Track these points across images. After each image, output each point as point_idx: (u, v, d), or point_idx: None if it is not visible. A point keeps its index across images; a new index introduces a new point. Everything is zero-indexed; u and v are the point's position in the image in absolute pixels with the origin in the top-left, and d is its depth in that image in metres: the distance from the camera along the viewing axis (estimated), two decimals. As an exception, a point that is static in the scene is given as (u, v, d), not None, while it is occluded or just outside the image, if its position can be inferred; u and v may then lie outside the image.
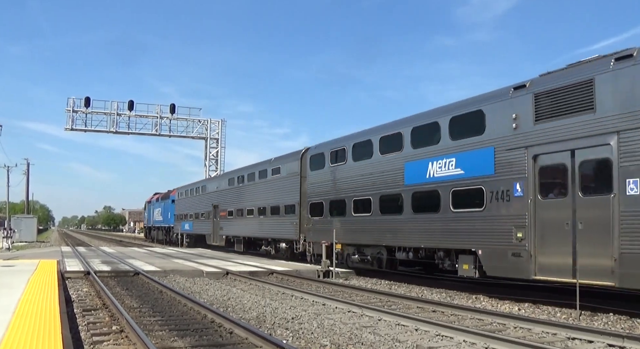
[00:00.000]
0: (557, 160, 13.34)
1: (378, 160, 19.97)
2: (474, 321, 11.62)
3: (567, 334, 9.96)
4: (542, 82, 14.08)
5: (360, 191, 20.87)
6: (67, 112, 56.68)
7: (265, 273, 21.30)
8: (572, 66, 13.66)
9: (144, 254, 34.35)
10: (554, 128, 13.38)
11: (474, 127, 15.79)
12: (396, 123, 19.70)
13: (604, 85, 12.40)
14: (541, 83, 14.02)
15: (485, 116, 15.45)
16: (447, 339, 9.74)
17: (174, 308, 12.85)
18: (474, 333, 9.72)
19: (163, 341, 9.16)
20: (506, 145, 14.64)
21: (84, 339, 9.34)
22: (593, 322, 11.60)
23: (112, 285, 17.59)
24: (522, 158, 14.10)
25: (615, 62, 12.36)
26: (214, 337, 9.57)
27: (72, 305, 13.00)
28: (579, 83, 12.95)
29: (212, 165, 61.33)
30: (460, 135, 16.35)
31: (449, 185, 16.50)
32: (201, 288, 17.26)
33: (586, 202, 12.59)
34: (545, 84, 13.90)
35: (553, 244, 13.24)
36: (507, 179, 14.47)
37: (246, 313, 12.39)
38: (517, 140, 14.32)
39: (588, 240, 12.38)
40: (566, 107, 13.19)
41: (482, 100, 15.80)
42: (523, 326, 10.82)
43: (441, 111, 17.51)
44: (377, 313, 12.18)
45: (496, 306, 13.96)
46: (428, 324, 10.73)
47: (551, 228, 13.31)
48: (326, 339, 9.54)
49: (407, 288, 17.85)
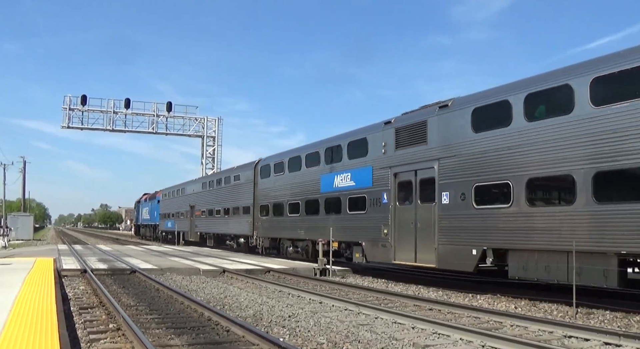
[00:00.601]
0: (407, 177, 18.15)
1: (304, 173, 25.33)
2: (470, 319, 11.63)
3: (564, 333, 9.98)
4: (400, 119, 18.99)
5: (293, 196, 26.08)
6: (64, 110, 56.53)
7: (261, 271, 21.29)
8: (424, 107, 18.38)
9: (141, 252, 34.32)
10: (406, 154, 18.28)
11: (361, 151, 20.86)
12: (316, 143, 24.98)
13: (432, 125, 17.22)
14: (400, 121, 18.96)
15: (368, 143, 20.37)
16: (444, 337, 9.75)
17: (170, 306, 12.84)
18: (471, 331, 9.74)
19: (160, 339, 9.16)
20: (379, 165, 19.61)
21: (80, 337, 9.32)
22: (589, 320, 11.63)
23: (108, 283, 17.57)
24: (387, 175, 19.03)
25: (438, 109, 17.17)
26: (210, 335, 9.56)
27: (68, 303, 12.97)
28: (419, 123, 17.84)
29: (209, 163, 61.26)
30: (354, 156, 21.47)
31: (346, 193, 21.63)
32: (198, 286, 17.25)
33: (422, 208, 17.37)
34: (402, 121, 18.80)
35: (405, 238, 18.09)
36: (379, 190, 19.44)
37: (243, 311, 12.39)
38: (385, 161, 19.30)
39: (422, 235, 17.20)
40: (412, 139, 18.03)
41: (367, 130, 20.78)
42: (520, 324, 10.84)
43: (343, 137, 22.71)
44: (374, 311, 12.19)
45: (493, 305, 13.98)
46: (425, 322, 10.73)
47: (404, 226, 18.16)
48: (323, 338, 9.55)
49: (404, 286, 17.87)
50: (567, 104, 12.99)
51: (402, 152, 18.40)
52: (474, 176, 15.41)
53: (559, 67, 14.14)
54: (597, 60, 12.85)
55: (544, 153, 13.42)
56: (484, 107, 15.52)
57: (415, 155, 17.71)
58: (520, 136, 14.07)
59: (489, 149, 15.02)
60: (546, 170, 13.40)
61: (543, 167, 13.47)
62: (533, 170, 13.72)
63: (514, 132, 14.26)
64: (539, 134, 13.59)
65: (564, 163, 12.93)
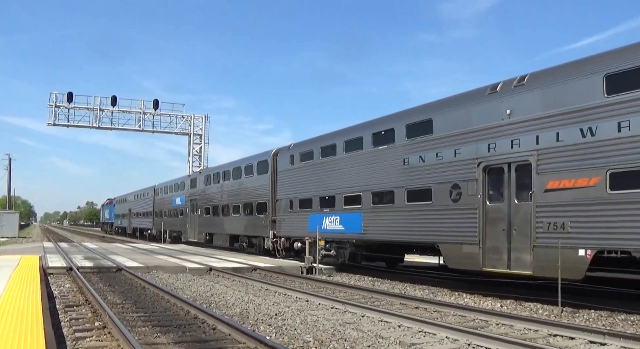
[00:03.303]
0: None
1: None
2: (456, 318, 11.69)
3: (549, 331, 10.05)
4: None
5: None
6: (50, 107, 55.94)
7: (248, 269, 21.27)
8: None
9: (127, 250, 34.15)
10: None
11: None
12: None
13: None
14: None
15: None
16: (430, 335, 9.79)
17: (157, 304, 12.80)
18: (457, 329, 9.78)
19: (146, 337, 9.13)
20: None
21: (66, 335, 9.27)
22: (574, 319, 11.72)
23: (94, 280, 17.48)
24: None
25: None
26: (197, 333, 9.54)
27: (54, 301, 12.89)
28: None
29: (196, 161, 60.99)
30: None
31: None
32: (184, 284, 17.21)
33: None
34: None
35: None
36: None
37: (229, 309, 12.38)
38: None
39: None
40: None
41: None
42: (505, 323, 10.91)
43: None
44: (361, 310, 12.21)
45: (479, 303, 14.05)
46: (411, 320, 10.77)
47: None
48: (309, 336, 9.55)
49: (390, 285, 17.91)
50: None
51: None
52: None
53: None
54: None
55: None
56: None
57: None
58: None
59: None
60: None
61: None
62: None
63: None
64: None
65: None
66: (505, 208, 14.14)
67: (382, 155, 18.81)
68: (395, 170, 18.10)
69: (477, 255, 14.60)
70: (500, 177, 14.36)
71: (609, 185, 11.80)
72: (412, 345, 9.02)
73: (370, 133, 19.57)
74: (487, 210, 14.63)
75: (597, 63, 12.53)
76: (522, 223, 13.59)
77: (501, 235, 14.12)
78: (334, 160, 21.71)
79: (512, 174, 14.03)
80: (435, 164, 16.44)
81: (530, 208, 13.35)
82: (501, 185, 14.34)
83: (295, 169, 24.80)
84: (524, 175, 13.69)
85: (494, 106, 14.69)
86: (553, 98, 13.18)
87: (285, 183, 25.68)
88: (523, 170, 13.71)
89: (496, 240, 14.26)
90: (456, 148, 15.70)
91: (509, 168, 14.09)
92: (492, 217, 14.47)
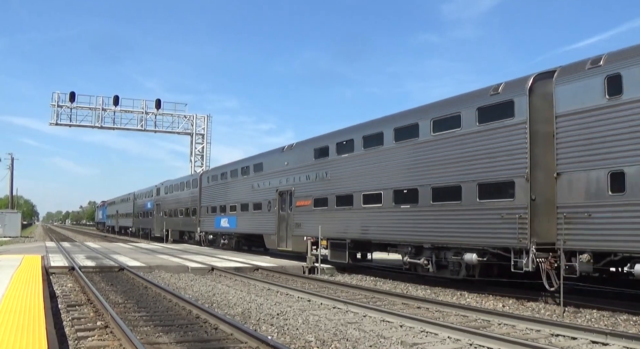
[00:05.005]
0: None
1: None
2: (458, 318, 11.69)
3: (551, 331, 10.05)
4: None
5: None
6: (52, 107, 55.90)
7: (250, 269, 21.28)
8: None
9: (129, 249, 34.18)
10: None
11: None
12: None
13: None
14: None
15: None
16: (432, 335, 9.79)
17: (159, 304, 12.80)
18: (459, 329, 9.78)
19: (148, 337, 9.13)
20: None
21: (68, 334, 9.28)
22: (576, 319, 11.71)
23: (96, 280, 17.50)
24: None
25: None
26: (199, 333, 9.55)
27: (56, 301, 12.91)
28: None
29: (198, 160, 60.98)
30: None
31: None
32: (186, 284, 17.22)
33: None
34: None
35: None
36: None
37: (231, 309, 12.38)
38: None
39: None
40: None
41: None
42: (507, 323, 10.91)
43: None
44: (362, 309, 12.21)
45: (481, 303, 14.04)
46: (413, 320, 10.77)
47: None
48: (311, 336, 9.55)
49: (392, 285, 17.91)
50: None
51: None
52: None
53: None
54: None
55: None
56: None
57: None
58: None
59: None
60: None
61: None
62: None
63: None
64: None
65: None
66: (286, 214, 25.85)
67: (246, 180, 30.90)
68: (246, 191, 30.65)
69: (275, 240, 26.57)
70: (284, 198, 26.07)
71: (313, 204, 23.03)
72: (414, 345, 9.02)
73: (252, 163, 30.51)
74: (280, 215, 26.40)
75: (310, 143, 24.58)
76: (290, 222, 25.17)
77: (284, 229, 25.87)
78: (227, 182, 34.15)
79: (287, 196, 25.64)
80: (263, 189, 28.37)
81: (292, 214, 25.11)
82: (284, 202, 26.12)
83: (210, 186, 37.36)
84: (290, 197, 25.34)
85: (281, 159, 26.72)
86: (301, 158, 24.99)
87: (205, 195, 38.10)
88: (290, 194, 25.42)
89: (283, 231, 25.96)
90: (270, 180, 27.71)
91: (287, 193, 25.68)
92: (281, 219, 26.24)
